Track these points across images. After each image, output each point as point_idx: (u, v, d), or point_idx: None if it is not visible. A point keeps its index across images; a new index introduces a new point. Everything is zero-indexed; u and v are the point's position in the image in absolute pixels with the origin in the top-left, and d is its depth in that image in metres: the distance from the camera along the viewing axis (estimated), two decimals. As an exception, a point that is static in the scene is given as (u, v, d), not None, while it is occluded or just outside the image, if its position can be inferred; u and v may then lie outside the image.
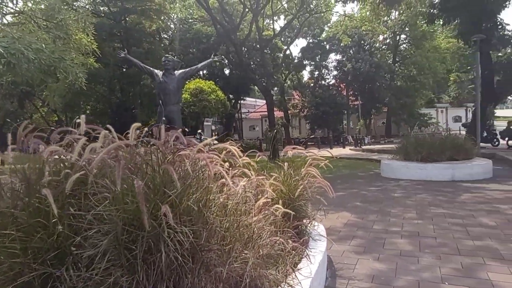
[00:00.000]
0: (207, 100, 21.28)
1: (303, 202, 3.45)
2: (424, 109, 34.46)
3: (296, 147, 3.83)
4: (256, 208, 2.85)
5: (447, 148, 9.08)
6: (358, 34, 29.79)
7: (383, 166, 9.62)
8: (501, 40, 14.88)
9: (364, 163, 13.78)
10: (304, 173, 3.55)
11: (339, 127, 35.06)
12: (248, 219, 2.45)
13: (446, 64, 32.15)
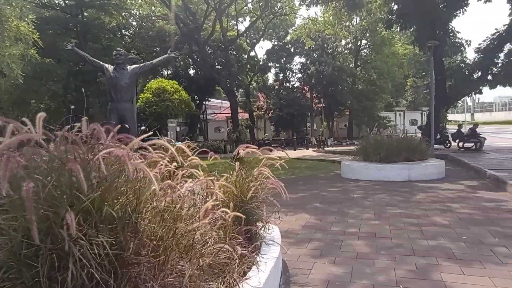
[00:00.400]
0: (170, 100, 20.66)
1: (256, 205, 3.24)
2: (383, 112, 35.78)
3: (249, 146, 3.60)
4: (203, 212, 2.61)
5: (404, 149, 9.32)
6: (322, 38, 30.37)
7: (344, 167, 9.70)
8: (452, 47, 15.70)
9: (326, 164, 13.92)
10: (257, 174, 3.33)
11: (303, 129, 35.55)
12: (189, 225, 2.20)
13: (404, 70, 33.63)
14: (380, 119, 33.11)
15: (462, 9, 14.87)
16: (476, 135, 14.27)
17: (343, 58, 31.15)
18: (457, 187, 7.46)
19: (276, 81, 36.98)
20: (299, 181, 9.34)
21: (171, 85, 21.64)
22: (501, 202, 5.87)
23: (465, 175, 9.08)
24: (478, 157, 11.95)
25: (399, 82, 38.27)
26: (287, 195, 3.25)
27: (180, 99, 21.47)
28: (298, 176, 10.62)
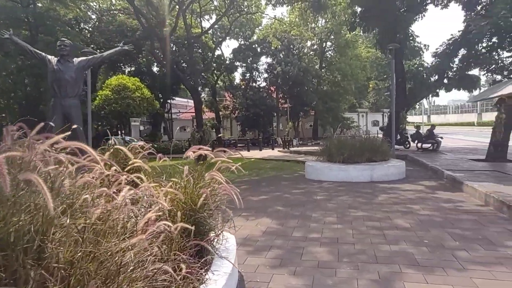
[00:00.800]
0: (131, 98, 19.76)
1: (208, 213, 2.91)
2: (347, 113, 36.65)
3: (201, 148, 3.27)
4: (142, 225, 2.26)
5: (367, 150, 9.38)
6: (288, 38, 30.53)
7: (308, 168, 9.60)
8: (411, 51, 16.22)
9: (291, 165, 13.83)
10: (208, 179, 3.01)
11: (269, 129, 35.59)
12: (120, 243, 1.84)
13: (366, 72, 34.61)
14: (344, 119, 33.91)
15: (421, 14, 15.41)
16: (433, 136, 14.82)
17: (308, 59, 31.51)
18: (416, 187, 7.55)
19: (243, 80, 36.78)
20: (263, 183, 9.11)
21: (133, 82, 20.72)
22: (458, 202, 5.95)
23: (424, 175, 9.28)
24: (435, 157, 12.36)
25: (362, 84, 39.42)
26: (240, 203, 2.92)
27: (142, 97, 20.62)
28: (262, 177, 10.39)
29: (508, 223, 4.62)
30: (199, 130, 15.91)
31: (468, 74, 16.00)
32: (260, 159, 17.36)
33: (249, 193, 7.65)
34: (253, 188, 8.27)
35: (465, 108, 72.66)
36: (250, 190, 8.01)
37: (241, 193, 7.45)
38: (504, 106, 10.29)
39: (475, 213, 5.22)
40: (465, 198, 6.26)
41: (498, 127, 10.26)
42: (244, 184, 8.96)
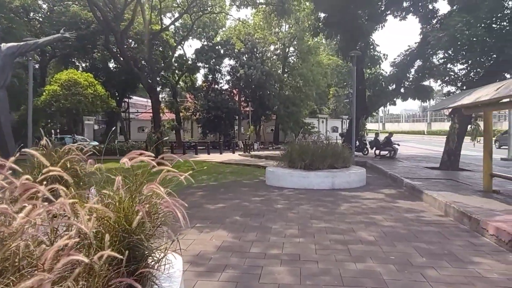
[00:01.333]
0: (83, 95, 18.35)
1: (146, 234, 2.39)
2: (308, 119, 37.11)
3: (143, 153, 2.73)
4: (50, 256, 1.70)
5: (328, 156, 9.21)
6: (252, 41, 30.30)
7: (268, 173, 9.24)
8: (372, 59, 16.57)
9: (251, 170, 13.45)
10: (147, 192, 2.48)
11: (230, 132, 35.09)
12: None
13: (327, 79, 35.31)
14: (305, 125, 34.26)
15: (381, 24, 15.78)
16: (391, 143, 15.17)
17: (271, 63, 31.49)
18: (377, 196, 7.45)
19: (205, 82, 36.00)
20: (221, 189, 8.60)
21: (85, 78, 19.29)
22: (419, 212, 5.86)
23: (383, 183, 9.28)
24: (393, 164, 12.57)
25: (323, 90, 40.23)
26: (186, 223, 2.43)
27: (95, 94, 19.25)
28: (221, 182, 9.88)
29: (470, 236, 4.51)
30: (156, 131, 15.06)
31: (422, 85, 16.61)
32: (220, 163, 16.83)
33: (206, 200, 7.12)
34: (210, 195, 7.74)
35: (416, 117, 77.17)
36: (207, 197, 7.48)
37: (198, 201, 6.94)
38: (457, 117, 10.64)
39: (437, 224, 5.10)
40: (425, 208, 6.20)
41: (451, 136, 10.59)
42: (201, 190, 8.41)
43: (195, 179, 11.02)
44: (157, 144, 15.10)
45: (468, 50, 9.42)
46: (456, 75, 11.16)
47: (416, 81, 16.64)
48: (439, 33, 9.27)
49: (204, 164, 16.72)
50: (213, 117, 31.07)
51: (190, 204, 6.62)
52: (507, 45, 8.85)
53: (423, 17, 14.76)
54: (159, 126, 15.13)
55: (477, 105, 6.55)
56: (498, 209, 5.24)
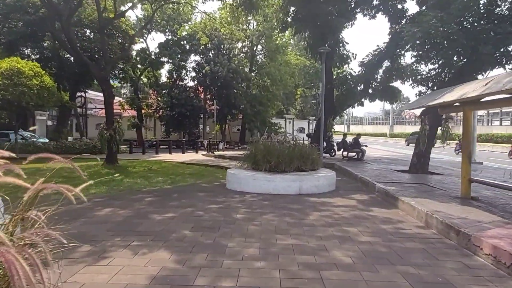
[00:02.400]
0: (27, 86, 16.40)
1: None
2: (275, 119, 36.54)
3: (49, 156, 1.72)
4: None
5: (296, 157, 8.42)
6: (218, 37, 29.18)
7: (229, 176, 8.29)
8: (341, 58, 16.09)
9: (213, 171, 12.44)
10: None
11: (195, 130, 33.73)
12: None
13: (295, 79, 34.89)
14: (271, 125, 33.62)
15: (351, 22, 15.33)
16: (359, 145, 14.73)
17: (238, 61, 30.52)
18: (349, 202, 6.72)
19: (170, 78, 34.34)
20: (175, 193, 7.53)
21: (30, 67, 17.31)
22: (397, 223, 5.16)
23: (354, 187, 8.63)
24: (362, 167, 12.06)
25: (290, 91, 39.89)
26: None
27: (42, 86, 17.33)
28: (176, 185, 8.80)
29: (461, 255, 3.82)
30: (108, 127, 13.59)
31: (390, 86, 16.39)
32: (181, 163, 15.66)
33: (154, 208, 6.04)
34: (160, 202, 6.66)
35: (379, 120, 79.43)
36: (156, 204, 6.39)
37: (143, 210, 5.77)
38: (428, 118, 10.28)
39: (421, 239, 4.39)
40: (403, 217, 5.52)
41: (422, 138, 10.19)
42: (152, 196, 7.29)
43: (149, 181, 9.83)
44: (110, 142, 13.68)
45: (441, 48, 9.01)
46: (427, 75, 10.81)
47: (384, 82, 16.38)
48: (413, 28, 8.77)
49: (163, 164, 15.47)
50: (177, 114, 29.61)
51: (134, 213, 5.54)
52: (480, 44, 8.51)
53: (392, 17, 14.44)
54: (112, 122, 13.66)
55: (457, 104, 5.99)
56: (485, 220, 4.63)
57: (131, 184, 9.16)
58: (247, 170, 8.55)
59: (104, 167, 13.28)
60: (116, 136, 13.77)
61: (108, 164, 13.62)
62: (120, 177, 10.63)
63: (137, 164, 14.67)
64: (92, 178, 12.76)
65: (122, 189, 8.35)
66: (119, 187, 8.79)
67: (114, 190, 8.05)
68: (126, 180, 9.80)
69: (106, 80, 13.34)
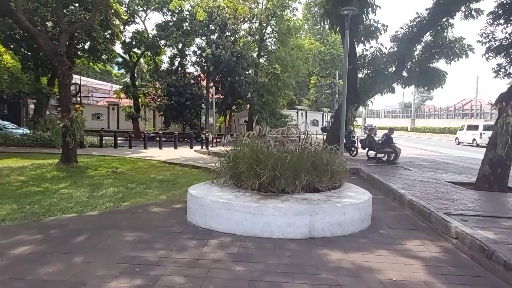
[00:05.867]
0: (-25, 65, 13.34)
1: None
2: (285, 110, 32.96)
3: None
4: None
5: (305, 168, 5.00)
6: (221, 16, 25.63)
7: (191, 201, 4.89)
8: (367, 30, 12.42)
9: (196, 176, 9.18)
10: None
11: (197, 122, 30.47)
12: None
13: (308, 65, 31.02)
14: (281, 117, 30.06)
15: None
16: (391, 143, 11.13)
17: (244, 43, 26.93)
18: (407, 267, 3.29)
19: (171, 65, 31.05)
20: (86, 233, 4.21)
21: (-17, 43, 14.26)
22: None
23: (402, 220, 5.15)
24: (400, 175, 8.53)
25: (303, 79, 36.14)
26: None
27: (1, 66, 14.27)
28: (117, 208, 5.54)
29: None
30: (63, 117, 10.40)
31: (431, 67, 12.70)
32: (162, 163, 12.47)
33: (12, 274, 2.75)
34: (39, 258, 3.37)
35: (395, 113, 74.41)
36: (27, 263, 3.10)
37: None
38: None
39: None
40: None
41: (502, 136, 6.58)
42: (43, 237, 4.01)
43: (91, 195, 6.47)
44: (64, 135, 10.50)
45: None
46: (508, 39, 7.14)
47: (423, 61, 12.72)
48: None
49: (139, 164, 12.25)
50: (175, 104, 26.38)
51: None
52: None
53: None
54: (69, 110, 10.46)
55: None
56: None
57: (57, 201, 6.09)
58: (223, 187, 5.17)
59: (56, 168, 10.15)
60: (74, 128, 10.57)
61: (63, 164, 10.47)
62: (61, 185, 7.66)
63: (103, 164, 11.49)
64: (27, 184, 7.42)
65: (33, 211, 5.35)
66: (34, 206, 5.69)
67: (17, 215, 5.07)
68: (62, 192, 6.84)
69: (59, 54, 10.10)
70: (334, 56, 37.72)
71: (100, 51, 19.71)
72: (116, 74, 53.43)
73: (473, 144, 26.27)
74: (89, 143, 18.29)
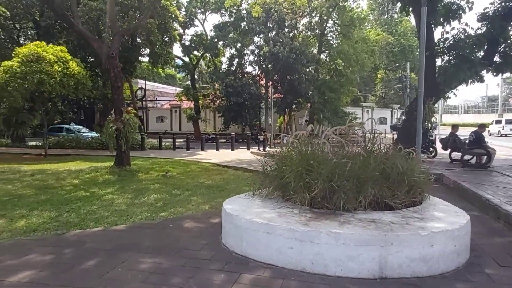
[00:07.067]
0: (47, 73, 14.13)
1: None
2: (349, 108, 30.89)
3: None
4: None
5: (372, 177, 3.78)
6: (278, 12, 24.69)
7: (225, 218, 3.96)
8: (447, 8, 10.45)
9: (249, 180, 8.33)
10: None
11: (256, 122, 29.95)
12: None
13: (374, 58, 28.61)
14: (345, 115, 28.14)
15: None
16: (483, 143, 9.09)
17: (303, 39, 25.63)
18: None
19: (230, 66, 31.04)
20: (102, 251, 3.53)
21: (53, 51, 15.09)
22: None
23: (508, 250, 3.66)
24: (498, 184, 6.71)
25: (368, 74, 33.57)
26: None
27: (66, 72, 14.98)
28: (148, 220, 4.89)
29: None
30: (116, 120, 10.34)
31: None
32: (215, 166, 11.94)
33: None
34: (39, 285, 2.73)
35: (477, 108, 66.09)
36: None
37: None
38: None
39: None
40: None
41: None
42: (53, 256, 3.42)
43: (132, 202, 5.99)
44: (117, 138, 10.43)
45: None
46: None
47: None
48: None
49: (191, 167, 11.84)
50: (234, 104, 26.12)
51: None
52: None
53: None
54: (121, 113, 10.37)
55: None
56: None
57: (96, 209, 5.77)
58: (265, 201, 4.18)
59: (110, 171, 10.11)
60: (126, 131, 10.46)
61: (117, 167, 10.42)
62: (108, 190, 7.38)
63: (155, 167, 11.26)
64: (77, 188, 7.51)
65: (67, 220, 5.09)
66: (70, 215, 5.35)
67: (50, 224, 4.80)
68: (105, 199, 6.63)
69: (111, 56, 10.04)
70: (404, 46, 34.45)
71: (159, 55, 20.07)
72: (180, 78, 55.50)
73: None
74: (149, 145, 18.69)
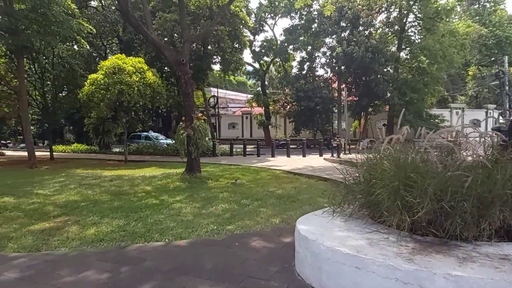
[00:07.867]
0: (126, 84, 15.06)
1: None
2: (435, 110, 27.81)
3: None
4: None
5: (500, 197, 2.74)
6: (352, 9, 23.29)
7: (300, 242, 3.24)
8: None
9: (321, 190, 7.53)
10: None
11: (328, 127, 28.69)
12: None
13: (465, 53, 25.31)
14: (430, 117, 25.38)
15: None
16: None
17: (380, 36, 23.79)
18: None
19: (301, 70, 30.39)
20: (160, 273, 3.10)
21: (132, 62, 16.06)
22: None
23: None
24: None
25: (457, 72, 29.91)
26: None
27: (144, 82, 15.83)
28: (210, 238, 4.43)
29: None
30: (187, 126, 10.36)
31: None
32: (286, 173, 11.33)
33: None
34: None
35: None
36: None
37: None
38: None
39: None
40: None
41: None
42: (109, 274, 3.11)
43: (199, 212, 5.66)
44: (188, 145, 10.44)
45: None
46: None
47: None
48: None
49: (261, 174, 11.36)
50: (304, 109, 25.32)
51: None
52: None
53: None
54: (192, 119, 10.36)
55: None
56: None
57: (163, 218, 5.63)
58: (349, 222, 3.37)
59: (180, 178, 10.12)
60: (196, 138, 10.40)
61: (187, 174, 10.41)
62: (177, 197, 7.25)
63: (226, 174, 11.02)
64: (148, 195, 7.66)
65: (134, 230, 4.94)
66: (137, 225, 5.23)
67: (117, 234, 4.71)
68: (173, 207, 6.59)
69: (182, 63, 10.11)
70: (501, 38, 30.00)
71: (229, 61, 20.29)
72: (250, 84, 56.35)
73: None
74: (221, 152, 18.85)
